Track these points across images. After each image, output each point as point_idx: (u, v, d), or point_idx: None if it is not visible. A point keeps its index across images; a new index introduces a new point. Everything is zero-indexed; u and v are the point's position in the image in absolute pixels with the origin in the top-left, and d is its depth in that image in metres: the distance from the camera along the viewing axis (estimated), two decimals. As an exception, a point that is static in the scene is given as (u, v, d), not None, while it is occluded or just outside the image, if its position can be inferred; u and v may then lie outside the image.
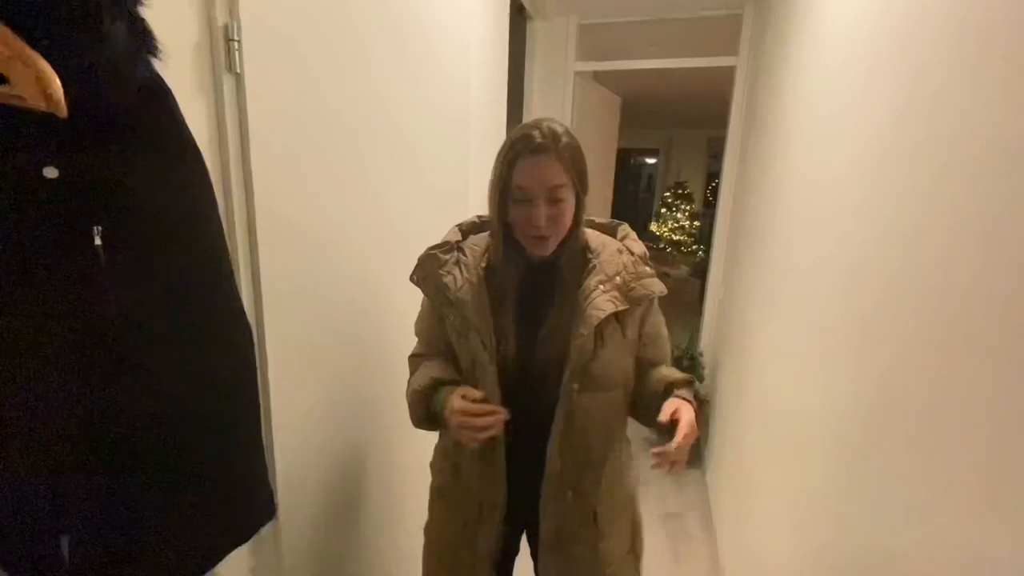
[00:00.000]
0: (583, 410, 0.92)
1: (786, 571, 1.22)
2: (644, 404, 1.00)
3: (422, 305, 1.06)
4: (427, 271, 0.97)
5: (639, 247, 1.00)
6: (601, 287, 0.92)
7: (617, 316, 0.93)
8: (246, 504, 0.85)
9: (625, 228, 1.05)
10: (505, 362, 0.94)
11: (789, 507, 1.25)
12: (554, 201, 0.87)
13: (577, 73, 2.92)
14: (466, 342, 0.94)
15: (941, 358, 0.67)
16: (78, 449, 0.62)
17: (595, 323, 0.90)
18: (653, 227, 7.94)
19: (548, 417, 0.93)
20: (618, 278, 0.94)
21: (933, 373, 0.68)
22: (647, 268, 0.97)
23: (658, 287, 0.97)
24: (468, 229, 1.04)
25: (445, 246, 0.98)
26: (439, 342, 1.01)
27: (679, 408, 0.87)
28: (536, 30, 2.86)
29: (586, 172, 0.91)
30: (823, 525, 1.02)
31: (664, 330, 1.04)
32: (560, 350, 0.92)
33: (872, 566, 0.81)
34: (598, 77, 3.36)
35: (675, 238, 7.76)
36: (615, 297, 0.92)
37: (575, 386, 0.90)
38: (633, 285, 0.94)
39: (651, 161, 8.57)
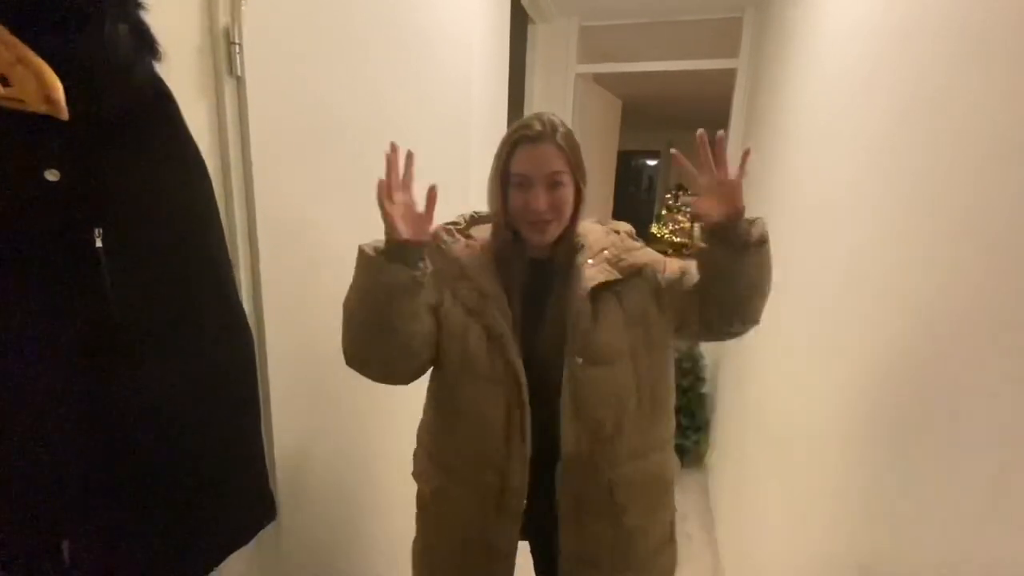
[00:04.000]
0: (590, 384, 0.91)
1: (786, 573, 1.21)
2: (705, 283, 0.89)
3: None
4: (438, 241, 0.95)
5: (625, 225, 1.04)
6: (590, 261, 0.94)
7: (614, 290, 0.93)
8: (246, 506, 0.85)
9: (607, 219, 1.07)
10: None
11: (789, 509, 1.24)
12: (553, 186, 0.89)
13: (578, 75, 2.92)
14: (477, 318, 0.91)
15: (942, 360, 0.67)
16: (78, 453, 0.62)
17: (587, 291, 0.90)
18: (654, 229, 7.93)
19: (554, 404, 0.92)
20: (606, 252, 0.96)
21: (935, 375, 0.68)
22: (635, 242, 1.00)
23: (648, 256, 0.98)
24: (470, 221, 1.04)
25: (458, 224, 0.99)
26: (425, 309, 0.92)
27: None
28: (537, 32, 2.86)
29: (583, 165, 0.92)
30: (823, 527, 1.02)
31: (683, 263, 0.98)
32: (562, 338, 0.92)
33: (873, 568, 0.81)
34: (599, 79, 3.36)
35: (676, 240, 7.75)
36: (605, 269, 0.94)
37: (579, 360, 0.90)
38: (623, 257, 0.96)
39: (652, 163, 8.55)
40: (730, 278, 0.84)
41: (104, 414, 0.63)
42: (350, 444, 1.25)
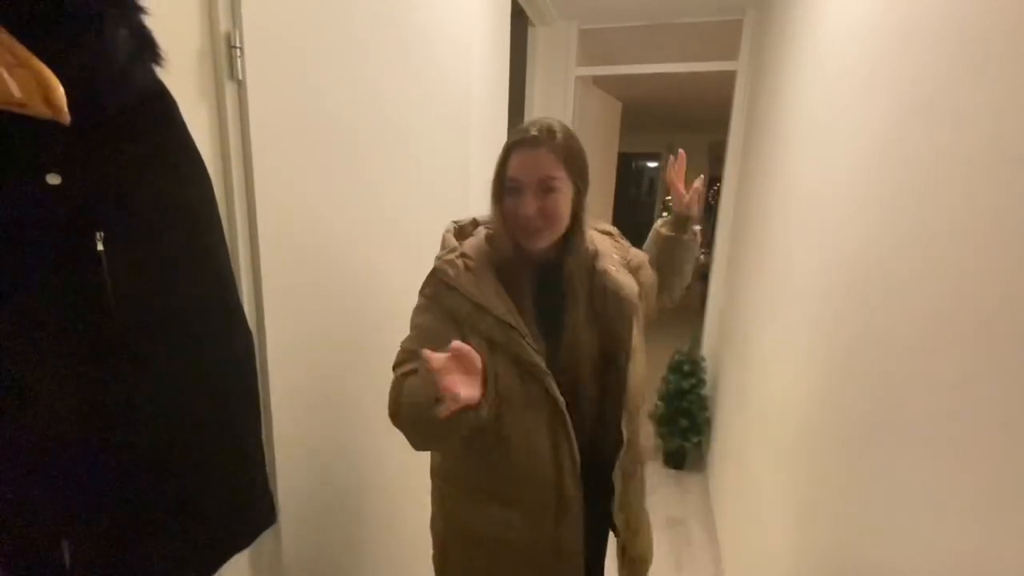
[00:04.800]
0: (631, 378, 0.96)
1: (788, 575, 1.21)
2: (661, 265, 1.18)
3: (417, 316, 0.96)
4: (445, 278, 0.91)
5: (612, 228, 1.11)
6: (612, 267, 0.98)
7: None
8: (246, 509, 0.85)
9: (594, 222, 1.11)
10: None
11: (792, 512, 1.24)
12: (545, 192, 0.88)
13: (578, 78, 2.93)
14: (503, 352, 0.88)
15: (943, 361, 0.66)
16: (79, 454, 0.62)
17: (637, 296, 0.97)
18: (655, 231, 7.93)
19: (592, 404, 0.96)
20: (615, 255, 1.02)
21: (935, 376, 0.68)
22: (626, 241, 1.10)
23: (643, 254, 1.11)
24: (458, 235, 1.01)
25: (454, 251, 0.94)
26: None
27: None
28: (537, 35, 2.87)
29: (586, 169, 0.93)
30: (826, 530, 1.02)
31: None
32: (588, 349, 0.94)
33: (875, 571, 0.81)
34: (599, 82, 3.37)
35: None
36: (626, 272, 1.00)
37: (623, 360, 0.95)
38: (629, 257, 1.05)
39: (652, 165, 8.56)
40: (686, 253, 1.20)
41: (105, 416, 0.64)
42: (352, 446, 1.25)
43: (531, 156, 0.87)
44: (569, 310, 0.94)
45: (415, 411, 0.83)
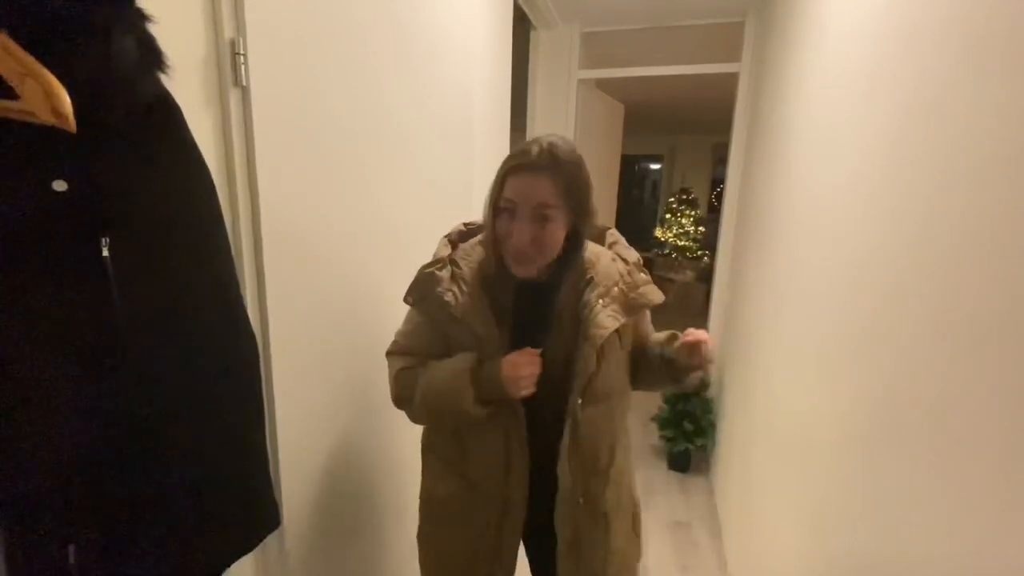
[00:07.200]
0: (588, 423, 0.92)
1: (794, 580, 1.20)
2: (650, 366, 1.02)
3: (409, 321, 1.02)
4: (425, 291, 0.94)
5: (632, 254, 1.01)
6: (601, 302, 0.91)
7: (619, 331, 0.93)
8: (250, 513, 0.86)
9: (614, 234, 1.05)
10: None
11: (797, 514, 1.23)
12: (540, 219, 0.85)
13: (580, 81, 2.93)
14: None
15: (946, 361, 0.66)
16: (84, 458, 0.63)
17: (600, 343, 0.89)
18: (658, 232, 7.92)
19: (552, 430, 0.93)
20: (616, 289, 0.94)
21: (939, 377, 0.68)
22: (643, 275, 0.98)
23: (656, 295, 0.97)
24: (457, 239, 1.02)
25: (439, 263, 0.96)
26: (439, 353, 0.96)
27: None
28: (539, 39, 2.88)
29: (586, 198, 0.89)
30: (832, 532, 1.01)
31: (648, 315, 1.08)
32: (560, 373, 0.92)
33: (882, 573, 0.80)
34: (601, 84, 3.37)
35: (680, 243, 7.74)
36: (616, 311, 0.92)
37: (579, 401, 0.90)
38: (632, 295, 0.94)
39: (655, 167, 8.56)
40: (657, 383, 1.06)
41: (110, 420, 0.64)
42: (356, 450, 1.25)
43: (529, 181, 0.84)
44: (551, 331, 0.93)
45: (438, 401, 0.92)
